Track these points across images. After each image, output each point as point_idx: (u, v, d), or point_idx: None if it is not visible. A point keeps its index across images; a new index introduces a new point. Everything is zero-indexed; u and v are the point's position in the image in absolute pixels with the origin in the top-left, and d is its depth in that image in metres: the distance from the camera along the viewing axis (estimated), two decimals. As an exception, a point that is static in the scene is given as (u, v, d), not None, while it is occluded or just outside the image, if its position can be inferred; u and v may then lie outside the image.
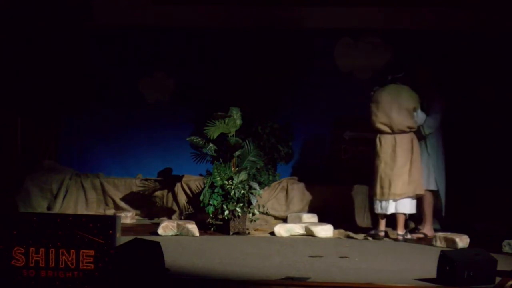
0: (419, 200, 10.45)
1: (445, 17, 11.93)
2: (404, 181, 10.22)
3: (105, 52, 12.64)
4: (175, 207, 11.84)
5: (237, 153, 10.84)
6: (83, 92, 12.55)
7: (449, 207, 11.06)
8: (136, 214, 11.87)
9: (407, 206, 10.29)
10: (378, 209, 10.33)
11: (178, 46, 12.58)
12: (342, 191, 11.58)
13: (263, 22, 12.10)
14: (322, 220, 11.27)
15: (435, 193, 10.63)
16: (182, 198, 11.78)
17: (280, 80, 12.19)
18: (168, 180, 12.01)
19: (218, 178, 10.58)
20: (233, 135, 10.88)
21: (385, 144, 10.28)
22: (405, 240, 10.23)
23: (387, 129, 10.27)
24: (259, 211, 10.83)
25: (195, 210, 11.52)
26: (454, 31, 11.87)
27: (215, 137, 10.94)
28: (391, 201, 10.24)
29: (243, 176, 10.62)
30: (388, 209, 10.27)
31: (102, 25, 12.53)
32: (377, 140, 10.35)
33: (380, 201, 10.29)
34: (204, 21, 12.41)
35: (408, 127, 10.28)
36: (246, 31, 12.24)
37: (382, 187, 10.27)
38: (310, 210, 11.54)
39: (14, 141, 12.04)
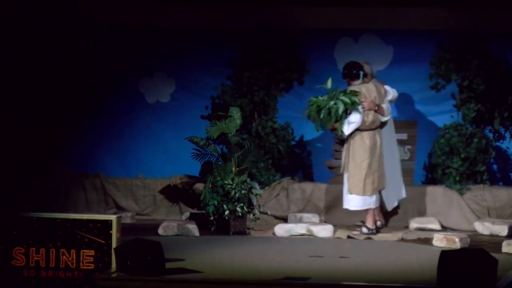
0: None
1: (445, 17, 11.93)
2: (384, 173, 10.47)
3: (105, 52, 12.64)
4: (175, 207, 11.84)
5: (238, 153, 10.84)
6: (83, 92, 12.56)
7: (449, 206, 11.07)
8: (136, 214, 11.87)
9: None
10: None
11: (178, 46, 12.58)
12: (342, 190, 11.55)
13: (263, 22, 12.10)
14: (322, 220, 11.28)
15: None
16: (183, 198, 11.78)
17: (280, 80, 12.19)
18: (168, 180, 12.01)
19: (218, 178, 10.57)
20: (233, 135, 10.88)
21: (373, 140, 10.30)
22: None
23: (377, 125, 10.30)
24: (259, 211, 10.83)
25: (196, 210, 11.53)
26: (454, 31, 11.87)
27: (215, 137, 10.96)
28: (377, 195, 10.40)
29: (243, 176, 10.62)
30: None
31: (102, 25, 12.53)
32: (369, 136, 10.29)
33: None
34: (204, 21, 12.41)
35: (382, 121, 10.38)
36: (246, 31, 12.23)
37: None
38: (310, 210, 11.54)
39: (14, 141, 12.03)
